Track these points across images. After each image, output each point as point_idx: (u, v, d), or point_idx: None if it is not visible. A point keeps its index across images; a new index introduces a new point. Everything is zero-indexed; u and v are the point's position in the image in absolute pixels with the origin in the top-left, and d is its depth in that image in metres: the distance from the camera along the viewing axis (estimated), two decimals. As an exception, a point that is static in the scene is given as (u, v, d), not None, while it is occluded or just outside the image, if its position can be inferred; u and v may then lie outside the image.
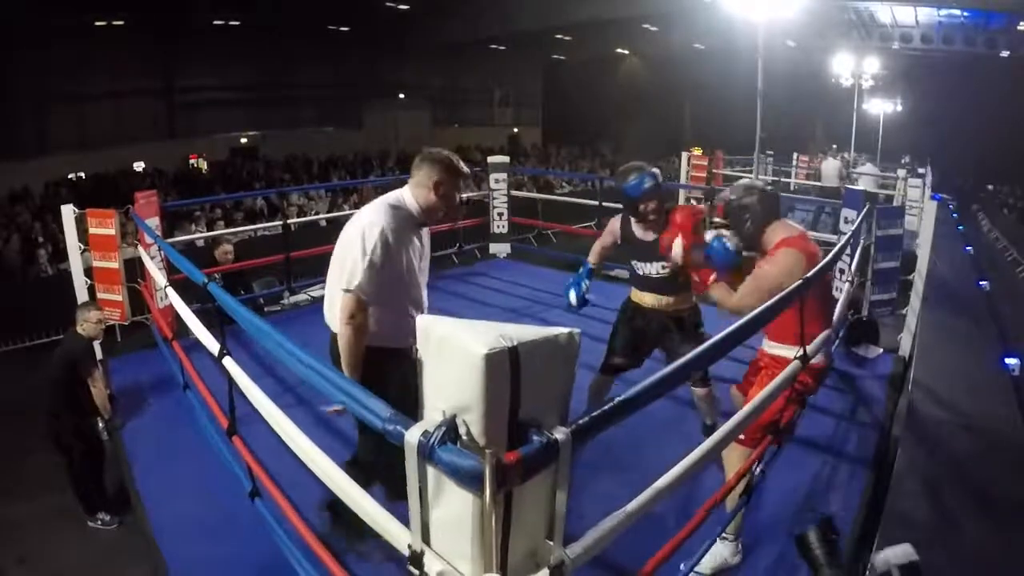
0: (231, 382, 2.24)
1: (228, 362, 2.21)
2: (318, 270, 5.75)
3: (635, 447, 3.01)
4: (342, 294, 2.21)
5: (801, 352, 2.24)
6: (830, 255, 2.57)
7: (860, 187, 11.44)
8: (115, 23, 14.71)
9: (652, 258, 3.02)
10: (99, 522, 3.57)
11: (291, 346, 1.60)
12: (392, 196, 2.36)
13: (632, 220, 3.10)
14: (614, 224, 3.23)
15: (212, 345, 2.38)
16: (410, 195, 2.36)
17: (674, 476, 1.54)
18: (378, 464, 2.26)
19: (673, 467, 1.56)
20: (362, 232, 2.22)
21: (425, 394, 1.12)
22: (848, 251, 4.35)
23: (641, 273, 3.11)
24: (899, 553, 1.49)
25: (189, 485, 3.05)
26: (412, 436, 1.08)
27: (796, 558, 2.25)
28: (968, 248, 10.13)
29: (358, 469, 2.34)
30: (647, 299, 3.13)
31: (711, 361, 1.73)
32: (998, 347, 4.79)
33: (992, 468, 3.15)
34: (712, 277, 2.58)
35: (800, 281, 2.12)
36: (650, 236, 3.02)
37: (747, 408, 1.92)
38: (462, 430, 1.05)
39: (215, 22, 16.42)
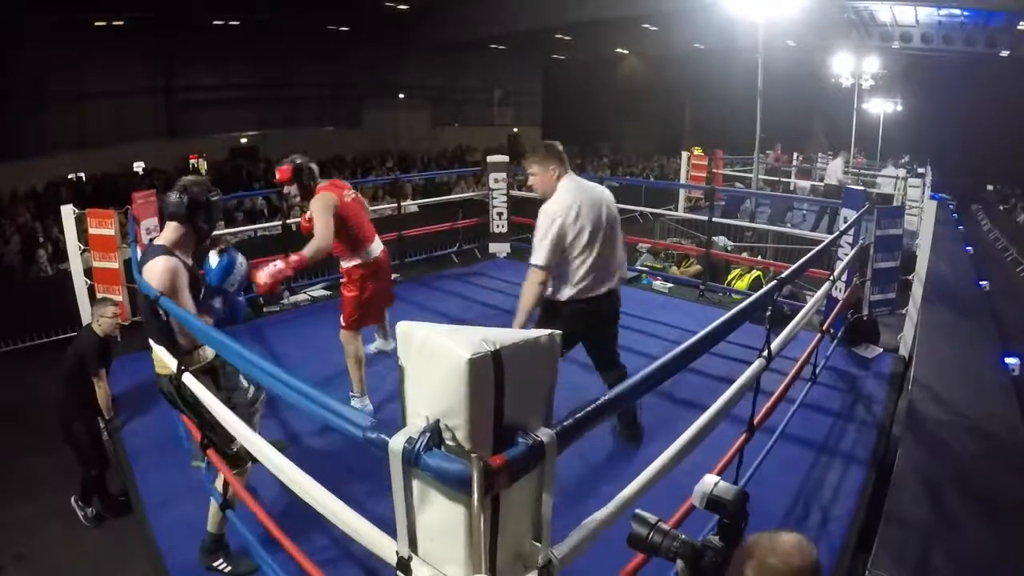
0: (194, 398, 2.16)
1: (187, 378, 2.15)
2: (318, 270, 5.80)
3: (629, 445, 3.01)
4: None
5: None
6: (801, 260, 2.95)
7: (883, 190, 11.50)
8: (115, 23, 14.71)
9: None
10: (83, 512, 3.56)
11: (251, 356, 1.60)
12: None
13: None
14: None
15: (171, 362, 2.25)
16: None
17: (651, 474, 1.59)
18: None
19: (650, 465, 1.61)
20: None
21: (407, 400, 1.11)
22: (841, 254, 4.36)
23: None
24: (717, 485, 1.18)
25: (189, 486, 3.04)
26: (396, 443, 1.07)
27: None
28: (968, 248, 10.09)
29: None
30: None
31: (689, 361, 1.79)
32: (998, 347, 4.77)
33: (992, 468, 3.14)
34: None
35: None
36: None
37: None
38: (446, 435, 1.04)
39: (215, 21, 16.42)
